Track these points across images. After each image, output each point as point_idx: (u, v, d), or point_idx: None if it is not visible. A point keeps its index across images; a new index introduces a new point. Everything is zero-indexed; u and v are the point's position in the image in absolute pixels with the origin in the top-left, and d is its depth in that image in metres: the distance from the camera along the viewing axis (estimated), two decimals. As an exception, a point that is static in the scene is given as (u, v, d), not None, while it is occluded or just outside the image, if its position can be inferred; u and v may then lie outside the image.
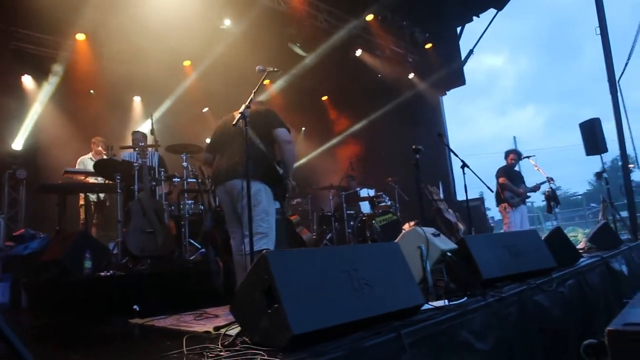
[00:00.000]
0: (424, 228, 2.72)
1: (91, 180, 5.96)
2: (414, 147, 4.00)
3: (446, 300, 2.41)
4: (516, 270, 3.19)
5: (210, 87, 8.95)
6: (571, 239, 7.29)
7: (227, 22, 7.47)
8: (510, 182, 7.23)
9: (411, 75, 10.11)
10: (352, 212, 7.61)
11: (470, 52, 9.69)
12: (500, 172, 7.32)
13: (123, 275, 4.02)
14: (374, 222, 7.01)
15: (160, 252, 4.44)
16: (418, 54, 9.93)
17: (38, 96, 7.61)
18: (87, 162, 6.24)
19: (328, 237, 7.24)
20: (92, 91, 8.08)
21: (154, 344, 2.35)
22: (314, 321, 1.75)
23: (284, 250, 3.15)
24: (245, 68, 3.28)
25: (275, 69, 3.14)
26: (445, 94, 10.50)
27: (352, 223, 7.32)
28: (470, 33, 9.79)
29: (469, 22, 9.42)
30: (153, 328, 2.87)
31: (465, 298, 2.47)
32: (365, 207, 8.17)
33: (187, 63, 8.79)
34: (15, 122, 7.41)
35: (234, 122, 2.78)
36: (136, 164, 4.83)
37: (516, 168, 7.64)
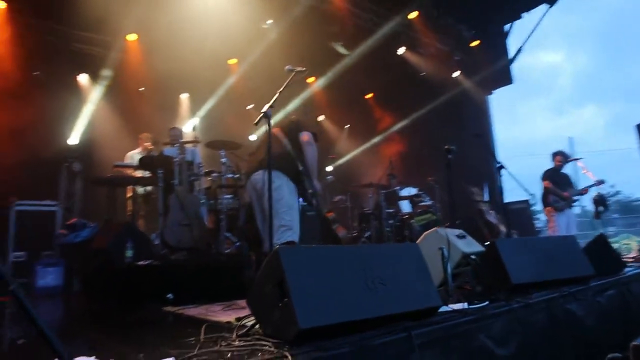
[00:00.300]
0: (448, 229, 2.67)
1: (138, 174, 6.26)
2: (446, 147, 3.90)
3: (466, 304, 2.36)
4: (549, 277, 3.06)
5: (254, 85, 9.12)
6: (624, 247, 6.88)
7: (270, 22, 7.61)
8: (556, 185, 6.91)
9: (456, 74, 9.81)
10: (391, 210, 7.54)
11: (519, 50, 9.31)
12: (545, 175, 7.02)
13: (159, 265, 4.19)
14: (413, 221, 6.92)
15: (196, 245, 4.60)
16: (464, 51, 9.62)
17: (92, 94, 8.07)
18: (135, 157, 6.54)
19: (366, 235, 7.20)
20: (141, 89, 8.44)
21: (179, 331, 2.44)
22: (323, 317, 1.78)
23: (298, 246, 3.19)
24: (288, 66, 3.38)
25: (304, 69, 3.19)
26: (492, 93, 10.11)
27: (390, 222, 7.25)
28: (524, 30, 9.35)
29: (518, 19, 9.04)
30: (182, 316, 3.00)
31: (487, 302, 2.41)
32: (405, 206, 8.04)
33: (232, 61, 8.99)
34: (72, 118, 7.90)
35: (255, 122, 2.87)
36: (176, 160, 5.03)
37: (566, 171, 7.29)
